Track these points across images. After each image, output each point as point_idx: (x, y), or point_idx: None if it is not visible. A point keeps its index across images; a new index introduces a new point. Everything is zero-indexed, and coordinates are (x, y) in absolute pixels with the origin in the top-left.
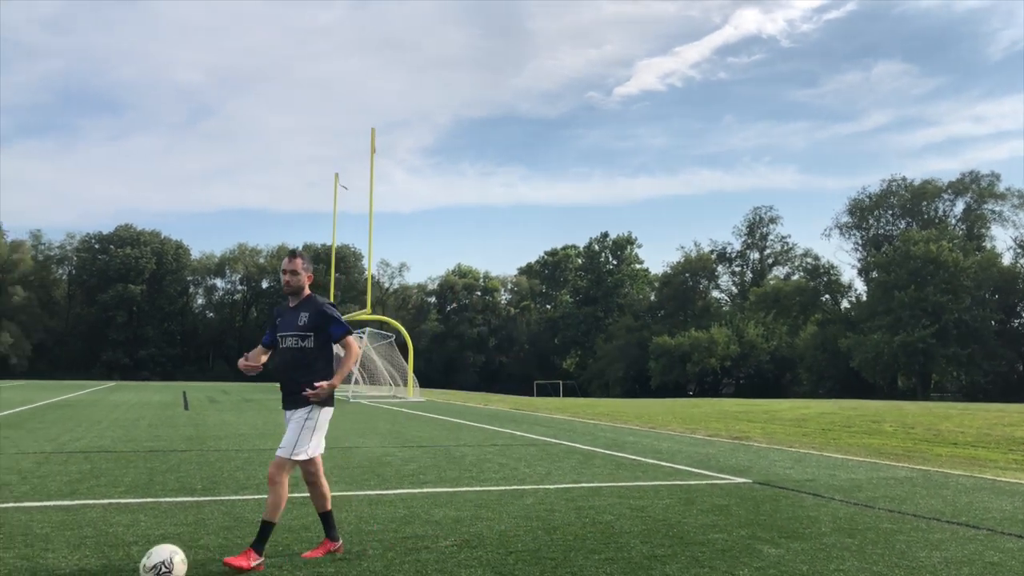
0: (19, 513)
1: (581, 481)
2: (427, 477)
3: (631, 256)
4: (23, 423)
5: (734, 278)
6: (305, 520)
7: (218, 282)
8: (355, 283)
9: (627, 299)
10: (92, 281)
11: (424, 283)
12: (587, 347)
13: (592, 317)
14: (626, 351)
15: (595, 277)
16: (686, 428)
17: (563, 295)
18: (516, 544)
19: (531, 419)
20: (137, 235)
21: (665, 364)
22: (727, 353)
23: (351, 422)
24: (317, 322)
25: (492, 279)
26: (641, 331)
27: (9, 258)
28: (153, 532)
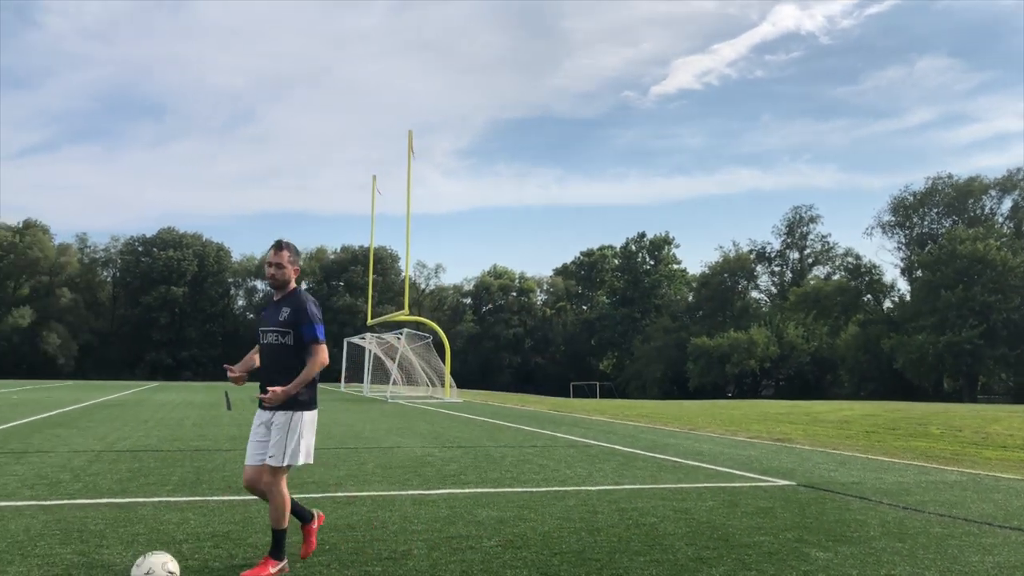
0: (74, 510)
1: (623, 483)
2: (468, 478)
3: (668, 256)
4: (73, 422)
5: (773, 278)
6: (351, 519)
7: (258, 284)
8: (392, 284)
9: (664, 300)
10: (136, 283)
11: (460, 284)
12: (624, 348)
13: (629, 318)
14: (664, 352)
15: (632, 278)
16: (726, 430)
17: (599, 296)
18: (560, 545)
19: (569, 420)
20: (179, 238)
21: (703, 365)
22: (767, 354)
23: (390, 422)
24: (296, 319)
25: (528, 280)
26: (679, 332)
27: (57, 261)
28: (202, 530)
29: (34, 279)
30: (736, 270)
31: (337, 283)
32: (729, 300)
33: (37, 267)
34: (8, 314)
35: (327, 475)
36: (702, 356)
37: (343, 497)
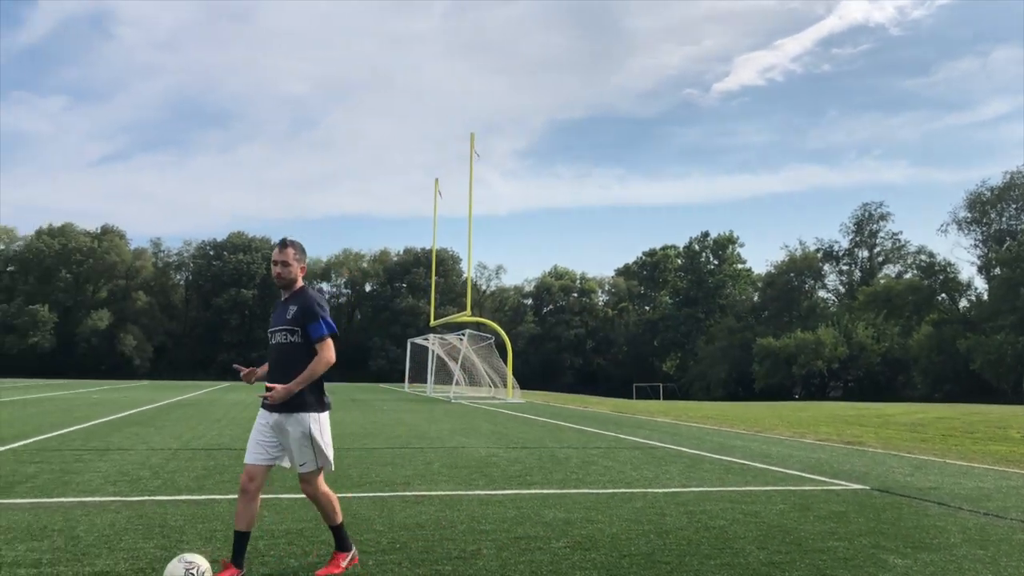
0: (155, 506)
1: (690, 485)
2: (534, 478)
3: (733, 256)
4: (150, 421)
5: (841, 277)
6: (420, 519)
7: (324, 286)
8: (453, 285)
9: (729, 300)
10: (207, 286)
11: (520, 285)
12: (687, 349)
13: (693, 318)
14: (728, 353)
15: (695, 278)
16: (795, 432)
17: (662, 296)
18: (629, 547)
19: (633, 422)
20: (248, 241)
21: (769, 366)
22: (835, 355)
23: (454, 422)
24: (303, 317)
25: (589, 280)
26: (744, 332)
27: (133, 265)
28: (277, 527)
29: (112, 283)
30: (802, 269)
31: (400, 285)
32: (795, 300)
33: (114, 271)
34: (88, 316)
35: (395, 474)
36: (768, 357)
37: (411, 496)
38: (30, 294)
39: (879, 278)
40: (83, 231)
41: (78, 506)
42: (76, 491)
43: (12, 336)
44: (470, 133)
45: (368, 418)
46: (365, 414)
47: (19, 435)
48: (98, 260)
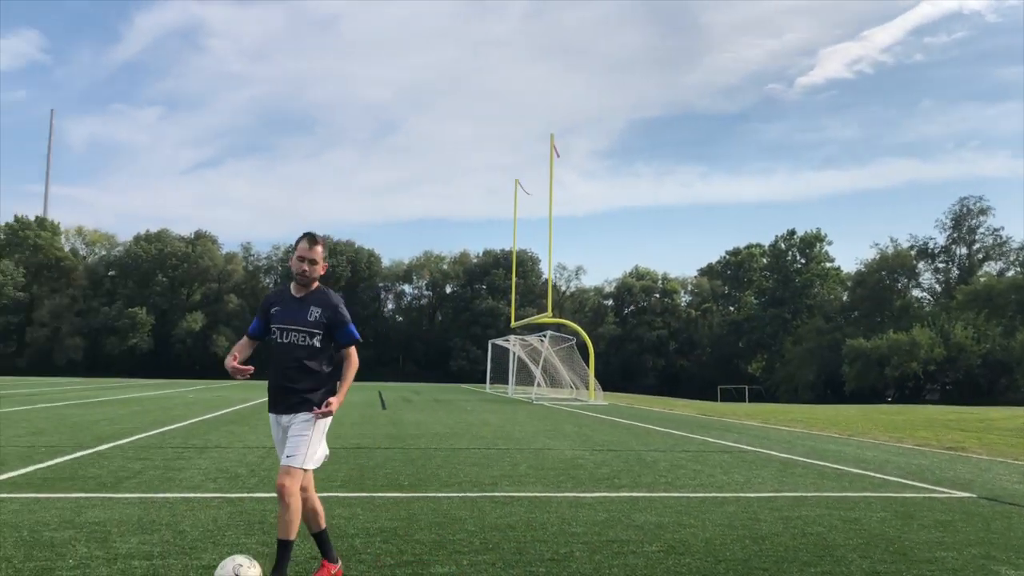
0: (253, 503)
1: (783, 490)
2: (622, 481)
3: (821, 254)
4: (244, 420)
5: (937, 276)
6: (510, 520)
7: (406, 288)
8: (532, 287)
9: (817, 300)
10: None
11: (601, 286)
12: (774, 350)
13: (779, 319)
14: (817, 354)
15: (782, 277)
16: (890, 436)
17: (747, 296)
18: (724, 553)
19: (720, 425)
20: (334, 245)
21: (860, 368)
22: (931, 356)
23: (537, 424)
24: (330, 320)
25: (671, 280)
26: (833, 333)
27: (224, 268)
28: (371, 525)
29: (205, 286)
30: (895, 267)
31: (480, 286)
32: (888, 299)
33: (207, 275)
34: (183, 319)
35: (482, 475)
36: (859, 358)
37: (501, 497)
38: (129, 297)
39: (979, 276)
40: (178, 236)
41: (182, 502)
42: (180, 487)
43: (113, 337)
44: (550, 134)
45: (453, 418)
46: (449, 414)
47: (123, 433)
48: (192, 264)
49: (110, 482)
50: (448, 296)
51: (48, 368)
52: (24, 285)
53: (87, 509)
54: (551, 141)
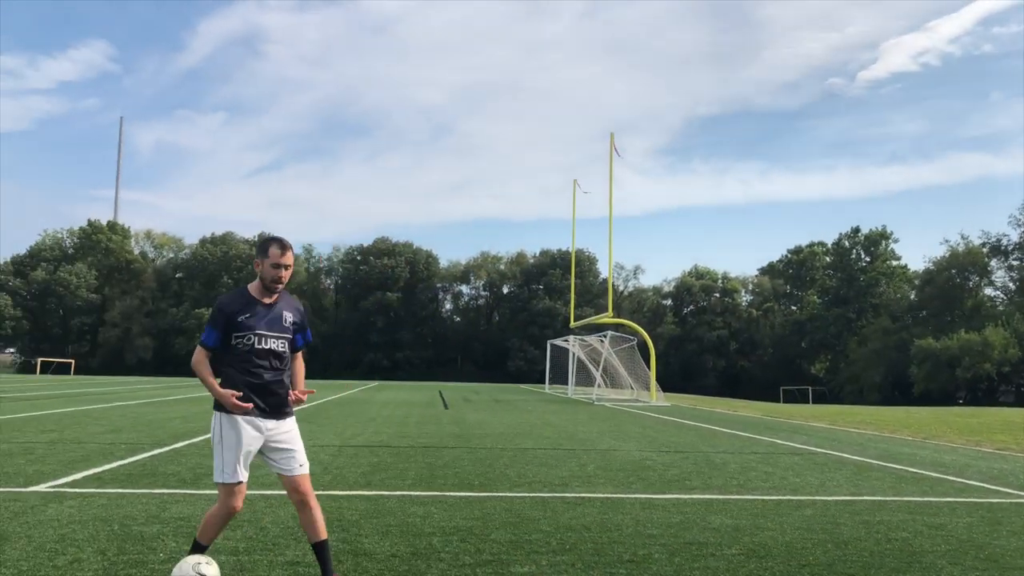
0: (329, 500)
1: (861, 494)
2: (693, 483)
3: (886, 252)
4: (311, 418)
5: (1011, 273)
6: (584, 520)
7: (463, 288)
8: (590, 286)
9: (883, 299)
10: (355, 290)
11: (659, 285)
12: (838, 351)
13: (843, 318)
14: (883, 355)
15: (846, 276)
16: (967, 440)
17: (810, 295)
18: (807, 557)
19: (787, 426)
20: (392, 246)
21: (929, 369)
22: (1005, 357)
23: (600, 425)
24: (299, 324)
25: (731, 280)
26: (900, 333)
27: None
28: (447, 524)
29: None
30: (966, 265)
31: (537, 286)
32: (958, 298)
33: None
34: None
35: (551, 475)
36: (928, 359)
37: (572, 498)
38: (196, 299)
39: None
40: (242, 239)
41: (260, 499)
42: (256, 484)
43: (181, 338)
44: (610, 133)
45: (515, 418)
46: (511, 414)
47: (197, 431)
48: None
49: (189, 479)
50: (505, 296)
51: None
52: (96, 287)
53: (171, 505)
54: (611, 140)
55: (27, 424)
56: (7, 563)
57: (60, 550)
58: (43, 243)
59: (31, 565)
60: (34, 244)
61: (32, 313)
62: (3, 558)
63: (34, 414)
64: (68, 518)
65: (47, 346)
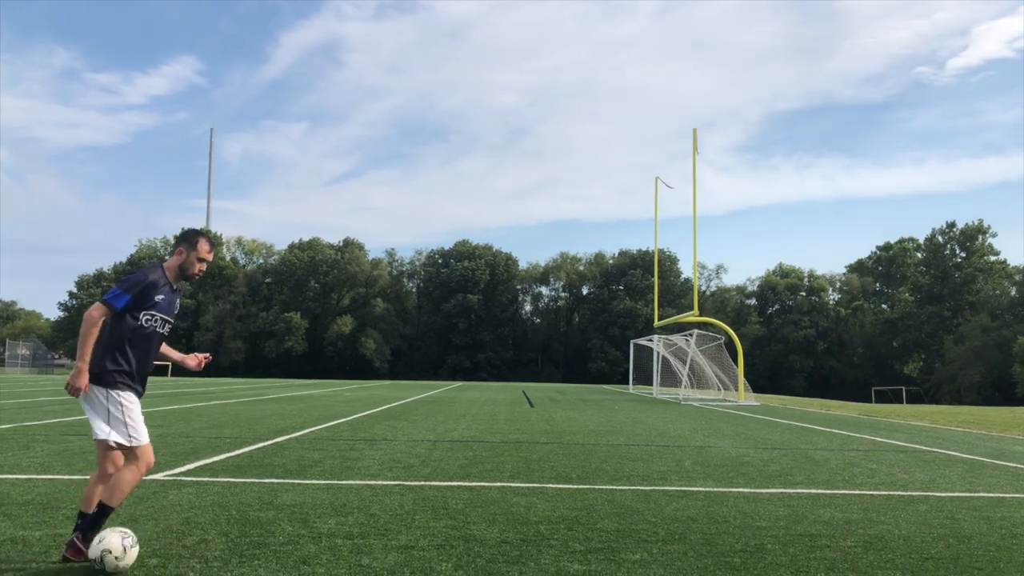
0: (432, 491)
1: (976, 491)
2: (796, 478)
3: (983, 247)
4: (403, 415)
5: None
6: (690, 512)
7: (543, 290)
8: (671, 286)
9: (981, 296)
10: (437, 292)
11: (743, 284)
12: (932, 350)
13: (937, 317)
14: (982, 354)
15: (940, 272)
16: None
17: (901, 293)
18: (928, 550)
19: (886, 425)
20: (472, 249)
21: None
22: None
23: (691, 423)
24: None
25: (818, 278)
26: (1000, 331)
27: (371, 274)
28: (551, 513)
29: (353, 291)
30: None
31: (617, 287)
32: None
33: (355, 280)
34: (333, 322)
35: (648, 469)
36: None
37: (673, 491)
38: (285, 303)
39: None
40: (328, 244)
41: (366, 488)
42: (360, 475)
43: (271, 341)
44: (693, 129)
45: (603, 416)
46: (598, 413)
47: (295, 426)
48: (341, 271)
49: (295, 469)
50: (585, 297)
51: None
52: (191, 293)
53: (281, 493)
54: (694, 136)
55: None
56: (140, 543)
57: (187, 531)
58: (141, 252)
59: (162, 545)
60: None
61: None
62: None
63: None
64: (189, 503)
65: None
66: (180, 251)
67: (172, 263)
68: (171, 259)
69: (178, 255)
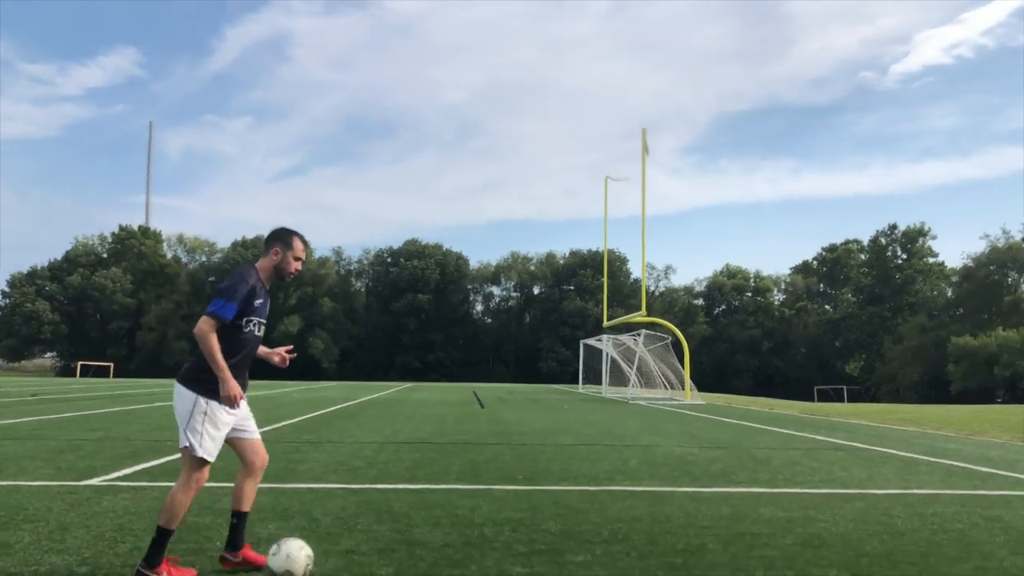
0: (376, 493)
1: (911, 487)
2: (738, 477)
3: (924, 249)
4: (351, 417)
5: None
6: (634, 512)
7: (494, 289)
8: (621, 287)
9: (919, 297)
10: (386, 292)
11: (691, 285)
12: (873, 350)
13: (878, 317)
14: (920, 353)
15: (881, 273)
16: (1013, 436)
17: (844, 294)
18: (863, 547)
19: (827, 424)
20: (422, 248)
21: (967, 367)
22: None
23: (638, 422)
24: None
25: (763, 279)
26: (937, 331)
27: (318, 273)
28: (496, 515)
29: (300, 290)
30: (1006, 261)
31: (567, 287)
32: (997, 295)
33: (302, 279)
34: (280, 322)
35: (595, 469)
36: (965, 357)
37: (619, 491)
38: None
39: None
40: None
41: (308, 492)
42: (303, 478)
43: None
44: (642, 129)
45: (552, 416)
46: (548, 413)
47: None
48: None
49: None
50: (536, 297)
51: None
52: (132, 291)
53: (221, 497)
54: (643, 136)
55: (73, 423)
56: (70, 551)
57: (119, 539)
58: (77, 249)
59: (93, 553)
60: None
61: (70, 318)
62: (66, 546)
63: (79, 414)
64: (124, 509)
65: (86, 350)
66: (276, 251)
67: (266, 264)
68: (265, 260)
69: (274, 255)
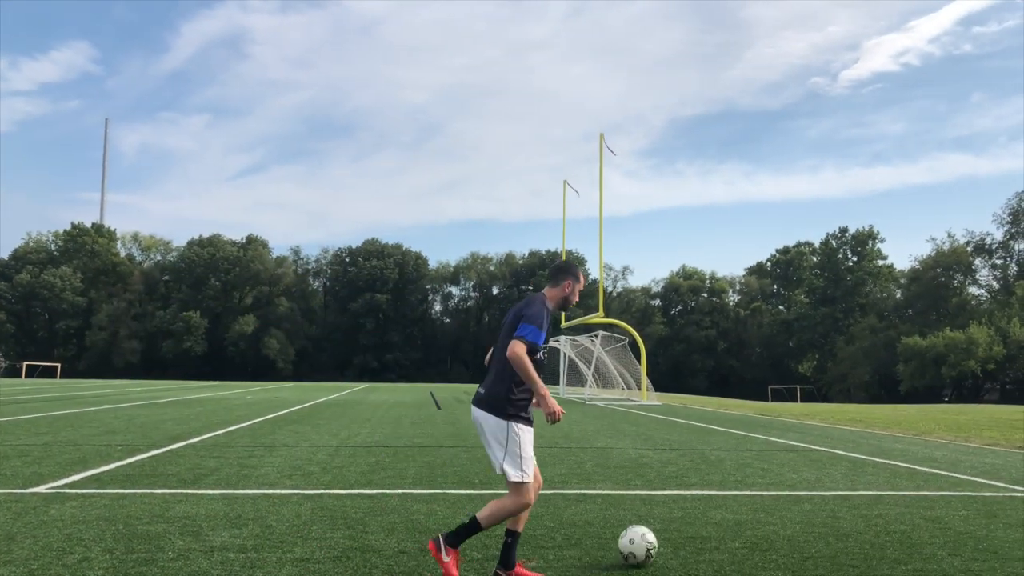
0: (331, 499)
1: (857, 488)
2: (691, 480)
3: (873, 251)
4: (306, 419)
5: (995, 272)
6: (587, 516)
7: (453, 290)
8: None
9: (870, 298)
10: (344, 291)
11: (648, 286)
12: (825, 350)
13: (831, 318)
14: (870, 353)
15: (833, 275)
16: (956, 436)
17: (797, 295)
18: (809, 550)
19: (780, 424)
20: (381, 248)
21: (916, 367)
22: (989, 355)
23: (595, 423)
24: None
25: (719, 280)
26: (887, 332)
27: (275, 272)
28: (451, 520)
29: (256, 289)
30: (951, 264)
31: (526, 287)
32: (943, 296)
33: (259, 279)
34: (235, 321)
35: (550, 472)
36: (914, 357)
37: (573, 494)
38: (184, 301)
39: None
40: (230, 241)
41: (263, 498)
42: (257, 484)
43: (169, 341)
44: (599, 133)
45: None
46: None
47: (192, 432)
48: (244, 269)
49: (190, 479)
50: (495, 297)
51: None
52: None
53: (174, 504)
54: (601, 140)
55: (18, 427)
56: (16, 562)
57: (68, 549)
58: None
59: (40, 564)
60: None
61: (17, 317)
62: (12, 557)
63: (25, 417)
64: (72, 518)
65: (32, 350)
66: (568, 284)
67: (556, 294)
68: (555, 291)
69: (565, 287)
